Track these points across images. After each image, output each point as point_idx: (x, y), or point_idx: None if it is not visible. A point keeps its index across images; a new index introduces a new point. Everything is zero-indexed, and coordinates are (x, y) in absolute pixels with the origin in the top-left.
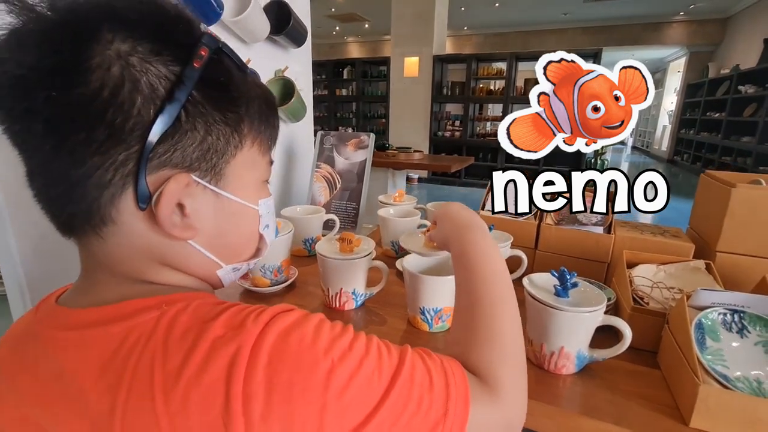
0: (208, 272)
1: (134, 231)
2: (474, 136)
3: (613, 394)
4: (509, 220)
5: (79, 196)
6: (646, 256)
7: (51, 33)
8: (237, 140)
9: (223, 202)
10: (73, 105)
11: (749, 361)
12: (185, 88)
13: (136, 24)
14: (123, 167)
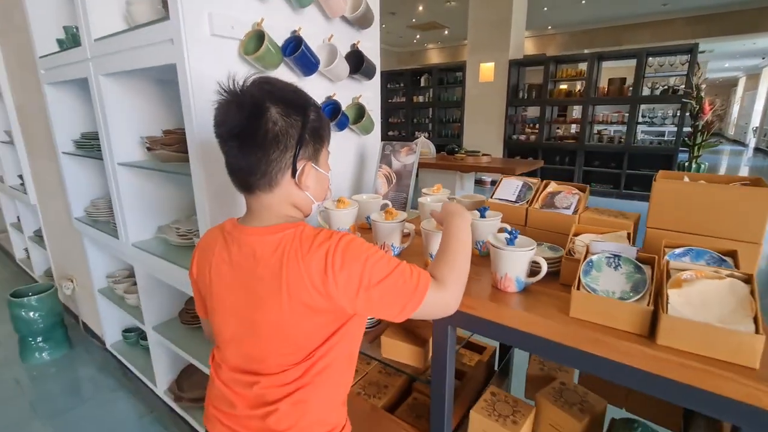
0: (309, 207)
1: (286, 188)
2: (551, 139)
3: (536, 301)
4: (509, 205)
5: (264, 174)
6: (590, 229)
7: (244, 105)
8: (322, 146)
9: (318, 173)
10: (260, 138)
11: (616, 283)
12: (305, 127)
13: (281, 100)
14: (286, 161)
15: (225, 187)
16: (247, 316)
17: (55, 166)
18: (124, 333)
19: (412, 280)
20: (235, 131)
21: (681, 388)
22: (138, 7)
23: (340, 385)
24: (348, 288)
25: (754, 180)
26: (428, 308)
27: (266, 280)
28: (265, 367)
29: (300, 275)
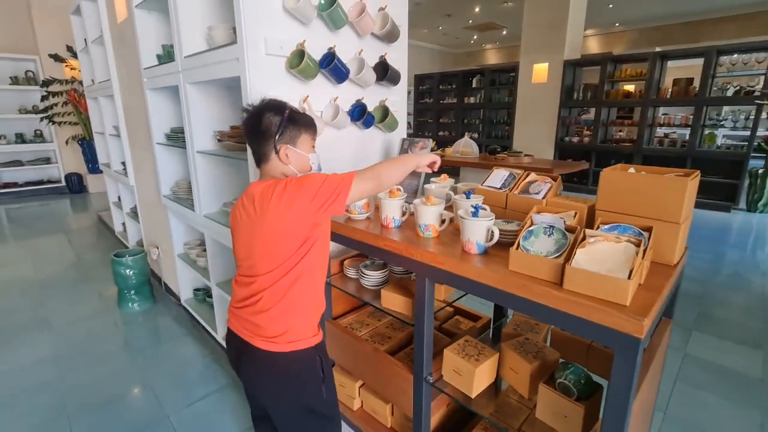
0: (294, 175)
1: (274, 162)
2: (607, 142)
3: (489, 259)
4: (493, 191)
5: (262, 152)
6: (550, 209)
7: (253, 114)
8: (299, 133)
9: (297, 152)
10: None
11: (546, 246)
12: (284, 122)
13: (271, 108)
14: (272, 145)
15: None
16: (248, 239)
17: (148, 154)
18: (194, 291)
19: (339, 177)
20: (246, 129)
21: (576, 320)
22: (216, 32)
23: (311, 303)
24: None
25: (687, 173)
26: (356, 193)
27: (257, 211)
28: (257, 269)
29: (274, 201)
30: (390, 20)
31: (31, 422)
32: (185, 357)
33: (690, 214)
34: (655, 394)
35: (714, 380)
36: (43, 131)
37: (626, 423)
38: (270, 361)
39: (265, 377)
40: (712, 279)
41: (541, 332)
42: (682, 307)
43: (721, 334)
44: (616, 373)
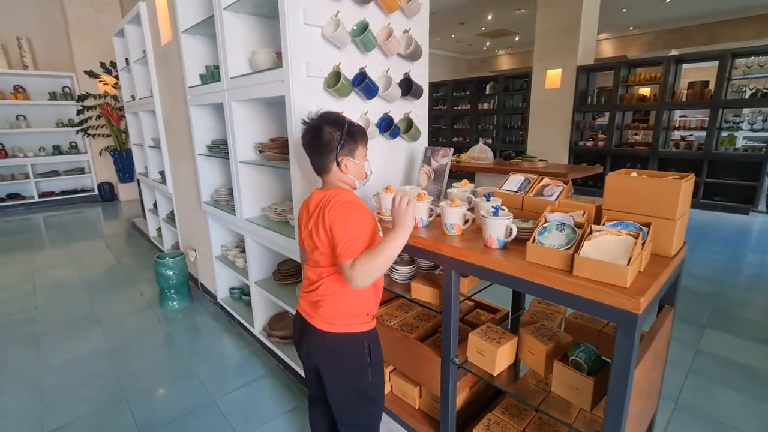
0: (353, 183)
1: (335, 172)
2: (622, 145)
3: (509, 252)
4: (511, 194)
5: (324, 165)
6: (562, 209)
7: (313, 128)
8: (356, 146)
9: (355, 163)
10: (322, 146)
11: (558, 240)
12: (344, 136)
13: (330, 122)
14: (333, 158)
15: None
16: (308, 238)
17: (188, 164)
18: (230, 290)
19: (346, 247)
20: (306, 141)
21: (584, 300)
22: (259, 55)
23: (361, 297)
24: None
25: (682, 176)
26: (343, 272)
27: (311, 218)
28: (319, 262)
29: (323, 215)
30: (414, 41)
31: (94, 404)
32: (225, 350)
33: (685, 212)
34: (659, 375)
35: (726, 374)
36: (77, 143)
37: (628, 388)
38: (324, 340)
39: (320, 353)
40: (727, 279)
41: (555, 320)
42: (695, 306)
43: (734, 332)
44: (619, 345)
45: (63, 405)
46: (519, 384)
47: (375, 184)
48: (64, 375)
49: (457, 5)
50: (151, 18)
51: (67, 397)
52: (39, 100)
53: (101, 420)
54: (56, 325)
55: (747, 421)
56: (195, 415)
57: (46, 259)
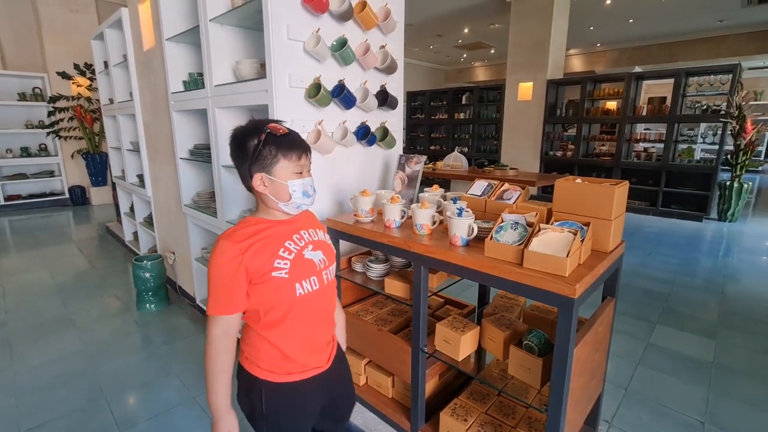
0: (276, 206)
1: (255, 192)
2: (589, 156)
3: (470, 249)
4: (475, 198)
5: (242, 180)
6: (518, 211)
7: (234, 135)
8: (276, 159)
9: (272, 180)
10: (237, 157)
11: (512, 237)
12: (257, 148)
13: (250, 129)
14: (248, 172)
15: None
16: None
17: (169, 168)
18: None
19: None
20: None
21: (532, 288)
22: (244, 65)
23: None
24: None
25: (618, 182)
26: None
27: None
28: None
29: None
30: (390, 56)
31: (72, 404)
32: (202, 350)
33: (621, 214)
34: (603, 358)
35: (671, 364)
36: (47, 145)
37: (568, 364)
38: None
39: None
40: (679, 281)
41: (514, 312)
42: (649, 304)
43: (681, 327)
44: (560, 326)
45: (40, 405)
46: (484, 372)
47: (354, 188)
48: (39, 377)
49: (435, 18)
50: (133, 23)
51: (44, 397)
52: (7, 100)
53: (80, 418)
54: (29, 328)
55: (685, 404)
56: (175, 411)
57: (14, 263)
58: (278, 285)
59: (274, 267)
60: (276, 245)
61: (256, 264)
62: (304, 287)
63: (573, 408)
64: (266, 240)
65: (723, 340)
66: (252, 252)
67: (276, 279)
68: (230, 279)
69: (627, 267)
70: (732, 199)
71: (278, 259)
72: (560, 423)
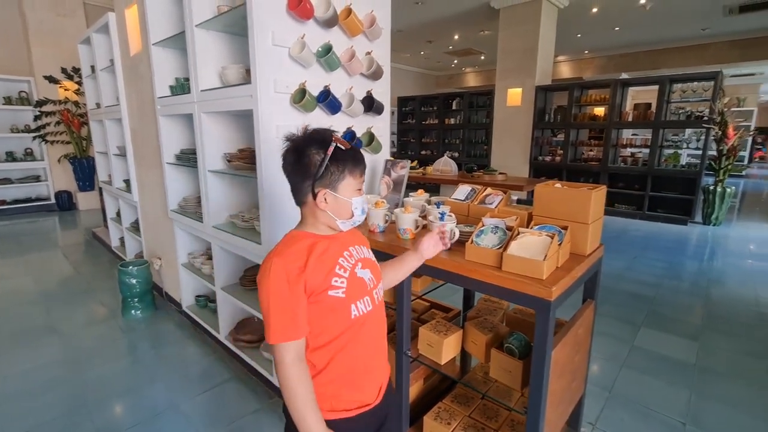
0: (332, 222)
1: (310, 205)
2: (577, 161)
3: (453, 252)
4: (459, 202)
5: (298, 193)
6: (500, 215)
7: (294, 148)
8: (342, 175)
9: (336, 197)
10: (298, 169)
11: (492, 241)
12: (324, 162)
13: (315, 141)
14: (308, 186)
15: (275, 188)
16: None
17: (156, 173)
18: (196, 297)
19: (268, 324)
20: (285, 163)
21: (510, 291)
22: (230, 71)
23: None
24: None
25: (595, 186)
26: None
27: None
28: None
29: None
30: (375, 62)
31: (56, 410)
32: (189, 357)
33: (599, 217)
34: (583, 360)
35: (655, 366)
36: (33, 150)
37: (546, 365)
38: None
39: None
40: (664, 284)
41: (497, 315)
42: (634, 307)
43: (666, 329)
44: (538, 328)
45: (24, 412)
46: (469, 375)
47: None
48: (23, 383)
49: (425, 24)
50: (120, 28)
51: (28, 404)
52: None
53: (64, 424)
54: (12, 335)
55: (668, 406)
56: (159, 418)
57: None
58: (333, 305)
59: (332, 285)
60: (332, 261)
61: (315, 281)
62: (359, 308)
63: (553, 410)
64: (322, 256)
65: (706, 343)
66: (311, 268)
67: (332, 299)
68: (295, 299)
69: (613, 270)
70: (716, 203)
71: (335, 277)
72: (539, 425)
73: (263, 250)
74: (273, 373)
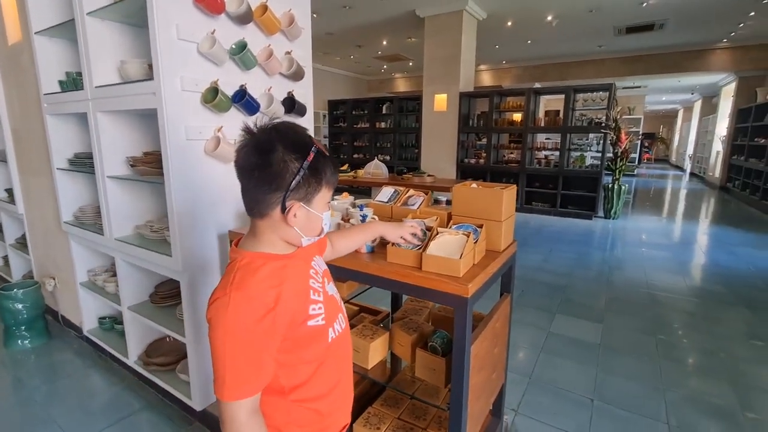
0: (297, 241)
1: (274, 220)
2: (499, 163)
3: (375, 256)
4: (382, 204)
5: (260, 204)
6: (421, 216)
7: (260, 146)
8: (319, 187)
9: (309, 213)
10: (265, 176)
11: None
12: (303, 171)
13: (291, 144)
14: (278, 198)
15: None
16: None
17: (44, 180)
18: (99, 320)
19: (220, 376)
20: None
21: (430, 290)
22: (130, 66)
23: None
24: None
25: (505, 186)
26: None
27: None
28: None
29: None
30: (295, 63)
31: None
32: (91, 388)
33: (511, 215)
34: (502, 351)
35: (568, 349)
36: None
37: (466, 360)
38: None
39: None
40: (575, 273)
41: (423, 314)
42: (549, 297)
43: (576, 314)
44: (457, 325)
45: None
46: (398, 378)
47: None
48: None
49: (354, 28)
50: None
51: None
52: None
53: None
54: None
55: (578, 385)
56: None
57: None
58: (313, 335)
59: (310, 314)
60: (304, 285)
61: (291, 315)
62: (335, 330)
63: (475, 402)
64: (293, 281)
65: (608, 324)
66: (285, 301)
67: (311, 329)
68: (261, 345)
69: (531, 263)
70: (614, 199)
71: (312, 304)
72: (462, 418)
73: (175, 263)
74: (191, 397)
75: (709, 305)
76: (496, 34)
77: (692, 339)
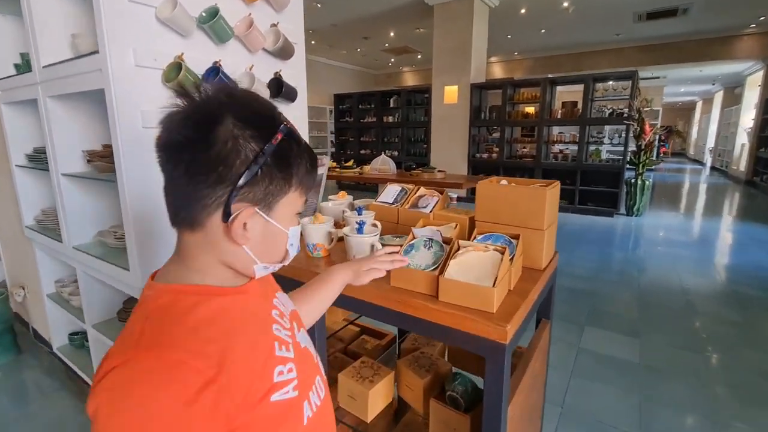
0: (248, 268)
1: (213, 234)
2: (512, 157)
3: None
4: (386, 206)
5: (190, 207)
6: (435, 222)
7: (196, 113)
8: (287, 188)
9: (268, 224)
10: (201, 160)
11: (425, 259)
12: (264, 157)
13: (246, 115)
14: (219, 197)
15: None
16: None
17: (4, 179)
18: (70, 336)
19: None
20: (168, 142)
21: (449, 330)
22: (82, 40)
23: None
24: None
25: (548, 183)
26: None
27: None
28: None
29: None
30: (282, 37)
31: None
32: (62, 412)
33: (554, 221)
34: (540, 396)
35: (603, 370)
36: None
37: (502, 425)
38: None
39: None
40: (600, 277)
41: (437, 345)
42: (576, 305)
43: (607, 327)
44: (489, 379)
45: None
46: (406, 419)
47: None
48: None
49: (360, 19)
50: None
51: None
52: None
53: None
54: None
55: (620, 416)
56: None
57: None
58: (280, 416)
59: (276, 383)
60: (265, 336)
61: (243, 389)
62: (312, 402)
63: None
64: (246, 331)
65: (646, 338)
66: (233, 365)
67: (278, 406)
68: None
69: None
70: (637, 195)
71: (278, 365)
72: None
73: (134, 278)
74: None
75: (758, 314)
76: (509, 23)
77: (746, 358)
